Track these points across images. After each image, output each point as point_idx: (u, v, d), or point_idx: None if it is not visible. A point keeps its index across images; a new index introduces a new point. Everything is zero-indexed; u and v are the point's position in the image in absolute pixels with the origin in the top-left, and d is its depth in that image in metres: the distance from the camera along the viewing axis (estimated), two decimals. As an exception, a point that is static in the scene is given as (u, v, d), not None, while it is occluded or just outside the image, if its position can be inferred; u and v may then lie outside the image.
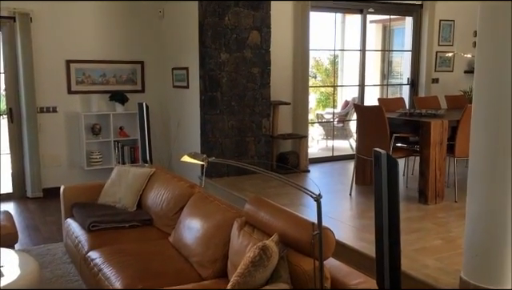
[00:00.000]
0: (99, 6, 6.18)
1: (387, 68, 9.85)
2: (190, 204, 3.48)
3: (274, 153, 6.24)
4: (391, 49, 9.33)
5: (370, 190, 5.37)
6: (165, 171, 4.23)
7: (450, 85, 7.67)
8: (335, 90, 9.33)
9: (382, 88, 9.11)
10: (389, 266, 1.88)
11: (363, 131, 4.93)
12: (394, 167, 1.82)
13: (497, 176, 2.64)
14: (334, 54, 7.43)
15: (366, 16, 6.99)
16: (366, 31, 7.08)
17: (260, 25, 5.89)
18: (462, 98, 6.51)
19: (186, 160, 2.24)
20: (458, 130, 4.68)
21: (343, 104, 8.30)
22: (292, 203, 4.90)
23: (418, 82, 7.47)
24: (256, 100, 5.96)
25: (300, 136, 6.32)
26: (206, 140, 5.79)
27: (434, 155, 4.59)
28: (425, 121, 4.61)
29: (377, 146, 4.71)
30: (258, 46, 5.90)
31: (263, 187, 5.41)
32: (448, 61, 7.68)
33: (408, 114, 5.13)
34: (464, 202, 4.69)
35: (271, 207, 2.65)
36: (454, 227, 4.06)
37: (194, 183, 3.84)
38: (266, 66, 5.99)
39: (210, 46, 5.64)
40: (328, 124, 8.30)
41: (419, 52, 7.41)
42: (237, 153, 5.92)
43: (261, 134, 6.05)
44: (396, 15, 7.48)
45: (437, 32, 7.48)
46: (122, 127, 6.41)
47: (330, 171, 6.54)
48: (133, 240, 3.50)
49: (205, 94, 5.73)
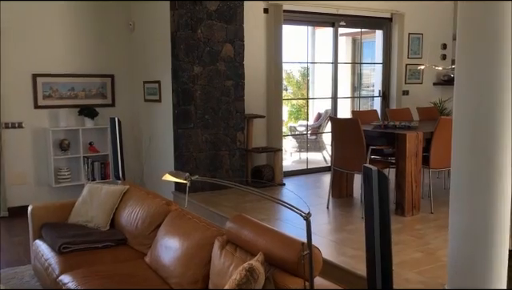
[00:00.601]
0: (68, 18, 6.01)
1: (358, 80, 9.97)
2: (166, 222, 3.36)
3: (248, 167, 6.17)
4: (361, 61, 9.46)
5: (346, 203, 5.36)
6: (139, 188, 4.09)
7: (420, 97, 7.79)
8: (307, 102, 9.36)
9: (352, 100, 9.19)
10: (381, 283, 1.83)
11: (339, 144, 4.92)
12: (384, 182, 1.78)
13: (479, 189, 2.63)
14: (307, 66, 7.44)
15: (337, 29, 7.04)
16: (337, 44, 7.12)
17: (233, 38, 5.84)
18: (433, 110, 6.61)
19: (168, 179, 2.14)
20: (432, 141, 4.72)
21: (316, 116, 8.32)
22: (269, 217, 4.83)
23: (389, 95, 7.56)
24: (230, 113, 5.89)
25: (275, 149, 6.27)
26: (180, 155, 5.67)
27: (410, 167, 4.61)
28: (400, 133, 4.64)
29: (353, 159, 4.74)
30: (231, 58, 5.85)
31: (239, 202, 5.32)
32: (417, 73, 7.81)
33: (383, 126, 5.15)
34: (440, 213, 4.77)
35: (255, 225, 2.57)
36: (432, 238, 4.07)
37: (170, 200, 3.73)
38: (240, 79, 5.93)
39: (183, 59, 5.55)
40: (301, 137, 8.29)
41: (390, 65, 7.51)
42: (211, 167, 5.82)
43: (235, 147, 5.97)
44: (366, 28, 7.57)
45: (406, 45, 7.61)
46: (92, 143, 6.22)
47: (305, 183, 6.51)
48: (107, 262, 3.35)
49: (178, 107, 5.62)
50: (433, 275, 3.27)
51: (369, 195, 1.79)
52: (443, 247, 3.78)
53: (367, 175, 1.80)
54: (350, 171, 5.05)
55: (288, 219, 4.67)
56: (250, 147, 6.17)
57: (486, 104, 2.58)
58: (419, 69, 7.51)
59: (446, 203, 5.08)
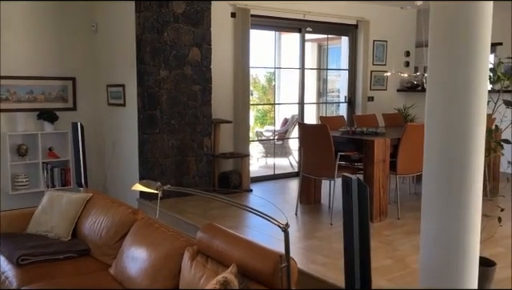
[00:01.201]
0: (27, 18, 5.76)
1: (323, 86, 10.04)
2: (133, 232, 3.23)
3: (215, 172, 6.07)
4: (327, 67, 9.52)
5: (315, 209, 5.34)
6: (103, 196, 3.94)
7: (385, 103, 7.90)
8: (274, 107, 9.34)
9: (318, 106, 9.25)
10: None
11: (308, 150, 4.89)
12: (364, 192, 1.73)
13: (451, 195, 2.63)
14: (275, 71, 7.42)
15: (304, 35, 7.05)
16: (303, 50, 7.13)
17: (200, 41, 5.74)
18: (398, 116, 6.70)
19: (138, 189, 2.04)
20: (399, 148, 4.76)
21: (282, 122, 8.30)
22: (237, 224, 4.75)
23: (355, 101, 7.63)
24: (197, 118, 5.78)
25: (242, 155, 6.20)
26: (145, 161, 5.52)
27: (378, 173, 4.63)
28: (368, 139, 4.66)
29: (322, 165, 4.72)
30: (198, 63, 5.75)
31: (206, 209, 5.22)
32: (382, 80, 7.92)
33: (350, 132, 5.17)
34: (406, 219, 4.82)
35: (227, 235, 2.48)
36: (400, 244, 4.09)
37: (136, 209, 3.59)
38: (207, 83, 5.84)
39: (149, 62, 5.41)
40: (268, 142, 8.26)
41: (355, 71, 7.58)
42: (178, 173, 5.69)
43: (202, 153, 5.86)
44: (332, 35, 7.62)
45: (371, 52, 7.70)
46: (52, 148, 5.97)
47: (272, 189, 6.46)
48: (69, 274, 3.19)
49: (143, 112, 5.47)
50: (403, 282, 3.26)
51: (348, 204, 1.75)
52: (412, 254, 3.80)
53: (347, 184, 1.75)
54: (319, 177, 5.04)
55: (256, 225, 4.60)
56: (217, 153, 6.08)
57: (458, 110, 2.58)
58: (385, 76, 7.61)
59: (412, 209, 5.17)
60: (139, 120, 5.51)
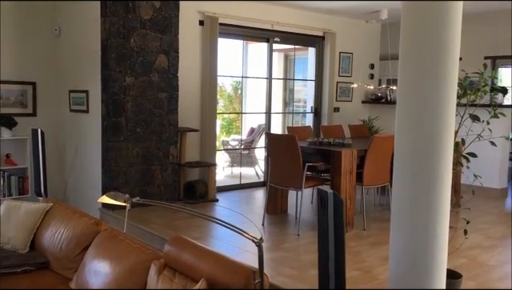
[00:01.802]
0: (-15, 19, 5.53)
1: (289, 96, 10.08)
2: (95, 244, 3.11)
3: (181, 182, 5.96)
4: (293, 77, 9.57)
5: (281, 219, 5.31)
6: (64, 206, 3.78)
7: (350, 114, 7.99)
8: (240, 116, 9.30)
9: (284, 116, 9.27)
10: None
11: (276, 160, 4.87)
12: (339, 205, 1.71)
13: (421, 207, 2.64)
14: (242, 80, 7.39)
15: (272, 45, 7.06)
16: (271, 60, 7.14)
17: (168, 48, 5.65)
18: (364, 128, 6.79)
19: (105, 201, 1.94)
20: (365, 159, 4.80)
21: (249, 131, 8.27)
22: (203, 235, 4.67)
23: (321, 111, 7.68)
24: (163, 126, 5.67)
25: (208, 164, 6.12)
26: (109, 169, 5.36)
27: (345, 184, 4.65)
28: (336, 150, 4.67)
29: (290, 175, 4.69)
30: (165, 70, 5.65)
31: (171, 219, 5.11)
32: (348, 91, 8.02)
33: (318, 143, 5.18)
34: (372, 230, 4.85)
35: (196, 248, 2.41)
36: (367, 256, 4.10)
37: (99, 220, 3.46)
38: (174, 91, 5.74)
39: (114, 68, 5.28)
40: (233, 151, 8.20)
41: (322, 82, 7.64)
42: (142, 182, 5.55)
43: (168, 162, 5.75)
44: (300, 45, 7.67)
45: (337, 63, 7.79)
46: (9, 155, 5.72)
47: (238, 199, 6.40)
48: (26, 288, 3.03)
49: (107, 119, 5.32)
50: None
51: (323, 218, 1.71)
52: (379, 265, 3.82)
53: (322, 197, 1.72)
54: (287, 188, 5.01)
55: (223, 237, 4.53)
56: (183, 162, 5.98)
57: (428, 122, 2.60)
58: (352, 87, 7.71)
59: (377, 220, 5.22)
60: (103, 127, 5.36)
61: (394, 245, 2.79)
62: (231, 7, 6.44)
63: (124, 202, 1.91)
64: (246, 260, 2.26)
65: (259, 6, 6.75)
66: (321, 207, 1.72)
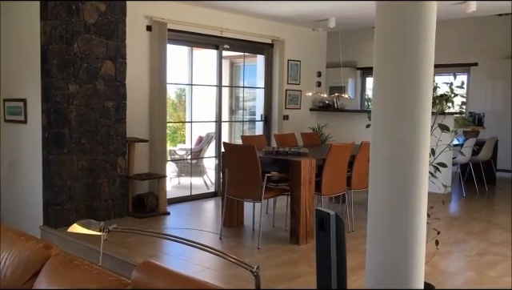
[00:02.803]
0: None
1: (235, 104, 9.95)
2: (47, 271, 2.79)
3: (129, 195, 5.65)
4: (239, 85, 9.45)
5: (239, 232, 5.15)
6: (5, 228, 3.39)
7: (299, 122, 7.98)
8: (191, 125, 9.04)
9: (230, 124, 9.13)
10: None
11: (233, 171, 4.70)
12: (341, 227, 1.58)
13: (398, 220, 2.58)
14: (191, 88, 7.15)
15: (221, 52, 6.90)
16: (221, 67, 6.98)
17: (114, 55, 5.35)
18: (315, 136, 6.78)
19: (76, 231, 1.70)
20: (324, 168, 4.74)
21: (197, 140, 8.03)
22: (158, 252, 4.43)
23: (271, 119, 7.61)
24: (110, 137, 5.35)
25: (158, 176, 5.85)
26: (51, 184, 4.97)
27: (305, 194, 4.57)
28: (295, 160, 4.58)
29: (249, 186, 4.54)
30: (112, 77, 5.33)
31: (123, 236, 4.79)
32: (296, 99, 8.01)
33: (274, 152, 5.08)
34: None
35: (170, 275, 2.20)
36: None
37: (49, 243, 3.13)
38: (121, 99, 5.44)
39: (56, 75, 4.91)
40: (181, 161, 7.94)
41: (271, 89, 7.58)
42: (88, 197, 5.20)
43: (116, 174, 5.42)
44: (249, 53, 7.56)
45: (286, 71, 7.76)
46: None
47: (190, 211, 6.17)
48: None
49: (49, 130, 4.94)
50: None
51: (324, 240, 1.58)
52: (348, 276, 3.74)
53: (322, 219, 1.58)
54: (245, 200, 4.86)
55: (179, 253, 4.31)
56: (132, 174, 5.67)
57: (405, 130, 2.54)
58: (307, 95, 7.74)
59: (334, 228, 5.18)
60: (44, 139, 4.97)
61: (372, 257, 2.70)
62: (180, 13, 6.23)
63: (99, 231, 1.68)
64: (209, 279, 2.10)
65: (208, 13, 6.58)
66: (320, 229, 1.58)
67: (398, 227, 2.59)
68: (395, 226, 2.59)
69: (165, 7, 6.05)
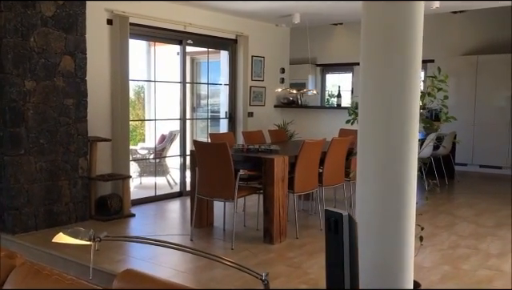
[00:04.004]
0: None
1: (197, 101, 9.74)
2: (13, 282, 2.55)
3: (92, 197, 5.38)
4: (199, 81, 9.26)
5: (209, 233, 5.00)
6: (-39, 237, 3.12)
7: (263, 119, 7.90)
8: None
9: (192, 122, 8.93)
10: None
11: (205, 170, 4.54)
12: (354, 228, 1.48)
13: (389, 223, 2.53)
14: (154, 84, 6.89)
15: (185, 47, 6.71)
16: (185, 63, 6.78)
17: (74, 49, 5.06)
18: (282, 132, 6.71)
19: (62, 241, 1.51)
20: (296, 165, 4.66)
21: (160, 138, 7.78)
22: (126, 257, 4.24)
23: (236, 116, 7.47)
24: (71, 137, 5.06)
25: (122, 176, 5.60)
26: (7, 187, 4.64)
27: (278, 192, 4.47)
28: (268, 157, 4.48)
29: (221, 185, 4.40)
30: (71, 73, 5.05)
31: (87, 241, 4.54)
32: (261, 95, 7.92)
33: (245, 150, 4.96)
34: (304, 238, 4.72)
35: (154, 283, 2.03)
36: (308, 267, 3.95)
37: (12, 252, 2.88)
38: (82, 96, 5.16)
39: (11, 71, 4.58)
40: (144, 160, 7.67)
41: (235, 86, 7.44)
42: (48, 200, 4.90)
43: (77, 176, 5.14)
44: (213, 48, 7.40)
45: (250, 67, 7.65)
46: None
47: (156, 212, 5.95)
48: None
49: (4, 130, 4.61)
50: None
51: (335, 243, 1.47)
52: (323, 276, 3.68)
53: (333, 220, 1.48)
54: (217, 199, 4.71)
55: (148, 257, 4.12)
56: (94, 175, 5.40)
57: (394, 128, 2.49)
58: (277, 92, 7.67)
59: (305, 227, 5.11)
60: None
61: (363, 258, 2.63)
62: (142, 6, 5.99)
63: (89, 240, 1.50)
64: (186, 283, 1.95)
65: (172, 7, 6.37)
66: (331, 231, 1.48)
67: (388, 228, 2.54)
68: (386, 227, 2.54)
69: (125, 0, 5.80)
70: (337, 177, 5.23)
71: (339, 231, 1.45)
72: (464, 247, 4.46)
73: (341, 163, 5.25)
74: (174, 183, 7.38)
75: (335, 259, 1.47)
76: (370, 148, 2.55)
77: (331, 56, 9.89)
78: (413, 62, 2.48)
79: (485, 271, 3.84)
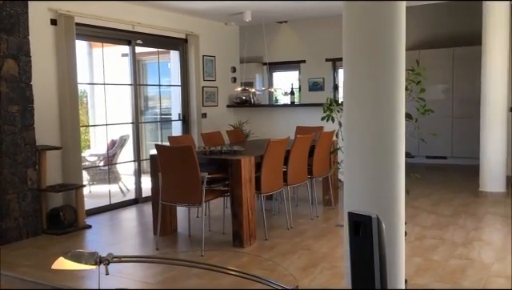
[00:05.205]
0: None
1: (144, 104, 9.40)
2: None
3: (43, 210, 5.01)
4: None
5: (175, 240, 4.80)
6: None
7: (217, 119, 7.74)
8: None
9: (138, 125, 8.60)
10: None
11: (169, 175, 4.33)
12: (381, 230, 1.40)
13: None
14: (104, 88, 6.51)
15: (134, 48, 6.42)
16: (135, 64, 6.48)
17: (16, 52, 4.69)
18: (240, 132, 6.59)
19: (65, 267, 1.31)
20: (262, 165, 4.56)
21: (109, 144, 7.41)
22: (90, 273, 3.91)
23: (190, 118, 7.26)
24: (17, 146, 4.69)
25: (75, 186, 5.26)
26: None
27: (246, 194, 4.35)
28: (234, 159, 4.34)
29: (187, 190, 4.22)
30: (15, 78, 4.67)
31: (43, 257, 4.23)
32: (213, 95, 7.75)
33: (207, 152, 4.80)
34: (273, 238, 4.63)
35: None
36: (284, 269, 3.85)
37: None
38: (28, 103, 4.79)
39: None
40: (95, 168, 7.30)
41: (188, 87, 7.23)
42: (-5, 217, 4.50)
43: (26, 188, 4.77)
44: (163, 48, 7.14)
45: (201, 67, 7.47)
46: None
47: (113, 222, 5.64)
48: None
49: None
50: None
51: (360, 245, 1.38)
52: (303, 277, 3.61)
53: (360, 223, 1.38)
54: (183, 205, 4.52)
55: (117, 270, 3.86)
56: (44, 186, 5.04)
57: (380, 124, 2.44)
58: (236, 91, 7.55)
59: (272, 227, 5.02)
60: None
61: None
62: (88, 5, 5.65)
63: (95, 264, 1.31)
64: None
65: (120, 6, 6.08)
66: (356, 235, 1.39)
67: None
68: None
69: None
70: (301, 175, 5.19)
71: (368, 234, 1.36)
72: (430, 238, 4.55)
73: (304, 161, 5.21)
74: (126, 190, 7.06)
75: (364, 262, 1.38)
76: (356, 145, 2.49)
77: (277, 54, 9.90)
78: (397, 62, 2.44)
79: (455, 260, 3.92)
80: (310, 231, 4.91)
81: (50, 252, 4.37)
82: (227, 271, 1.43)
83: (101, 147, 8.21)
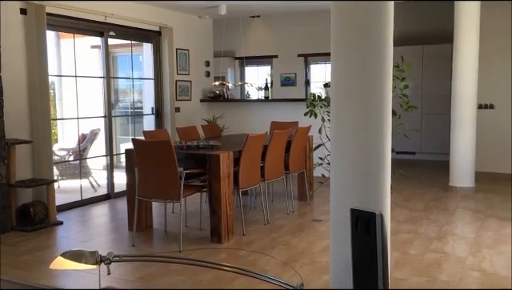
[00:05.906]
0: None
1: (115, 97, 9.20)
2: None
3: (13, 206, 4.84)
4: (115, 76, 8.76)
5: (151, 236, 4.72)
6: None
7: (191, 113, 7.66)
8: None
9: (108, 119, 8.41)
10: None
11: (146, 170, 4.24)
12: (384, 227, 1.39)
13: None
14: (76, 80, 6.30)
15: (107, 40, 6.26)
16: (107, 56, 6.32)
17: (-16, 42, 4.50)
18: (215, 127, 6.53)
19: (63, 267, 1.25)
20: (240, 161, 4.54)
21: (80, 137, 7.21)
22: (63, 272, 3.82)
23: (163, 112, 7.15)
24: (-14, 140, 4.50)
25: (46, 181, 5.10)
26: None
27: (224, 189, 4.32)
28: (212, 154, 4.30)
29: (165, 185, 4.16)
30: (-17, 69, 4.48)
31: (16, 255, 4.11)
32: (187, 90, 7.66)
33: (184, 147, 4.73)
34: (251, 234, 4.62)
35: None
36: (264, 265, 3.84)
37: None
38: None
39: None
40: (64, 162, 7.10)
41: (161, 81, 7.12)
42: (-38, 214, 4.32)
43: (-5, 184, 4.60)
44: (136, 41, 6.99)
45: (175, 60, 7.36)
46: None
47: (86, 218, 5.50)
48: None
49: None
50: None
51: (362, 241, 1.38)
52: (282, 272, 3.61)
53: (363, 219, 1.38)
54: (161, 200, 4.45)
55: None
56: (14, 181, 4.87)
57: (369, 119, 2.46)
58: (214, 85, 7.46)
59: (249, 222, 5.00)
60: None
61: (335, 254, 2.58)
62: (59, -6, 5.48)
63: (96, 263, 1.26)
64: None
65: (92, -5, 5.91)
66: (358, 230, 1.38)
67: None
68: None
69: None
70: (278, 170, 5.19)
71: (371, 231, 1.36)
72: (405, 233, 4.63)
73: (281, 157, 5.22)
74: (97, 185, 6.91)
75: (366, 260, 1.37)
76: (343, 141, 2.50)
77: (250, 49, 9.86)
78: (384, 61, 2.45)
79: (431, 254, 4.00)
80: (287, 226, 4.92)
81: (21, 250, 4.23)
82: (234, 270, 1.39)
83: (70, 141, 7.99)
